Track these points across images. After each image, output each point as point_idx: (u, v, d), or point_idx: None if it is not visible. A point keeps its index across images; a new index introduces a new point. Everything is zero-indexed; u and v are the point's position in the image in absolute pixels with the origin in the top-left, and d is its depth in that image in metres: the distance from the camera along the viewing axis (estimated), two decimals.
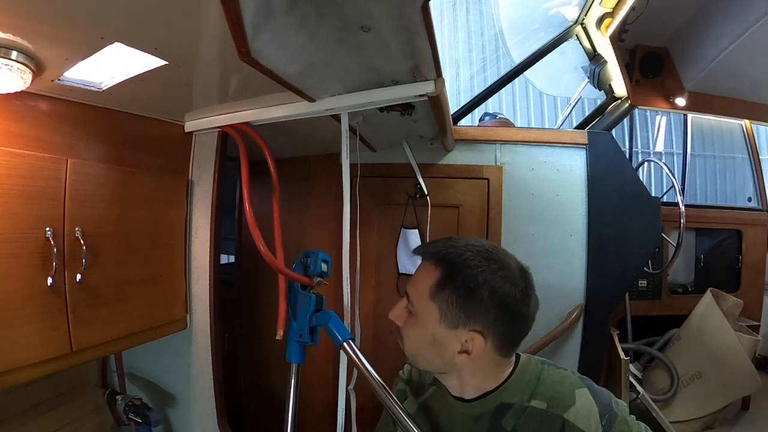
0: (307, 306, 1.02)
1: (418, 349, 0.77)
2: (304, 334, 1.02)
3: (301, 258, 1.08)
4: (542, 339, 1.67)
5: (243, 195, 1.26)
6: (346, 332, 0.96)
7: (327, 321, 0.98)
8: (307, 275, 1.06)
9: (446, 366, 0.76)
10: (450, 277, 0.72)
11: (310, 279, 1.05)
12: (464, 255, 0.73)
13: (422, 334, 0.75)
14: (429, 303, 0.73)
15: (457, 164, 1.84)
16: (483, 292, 0.70)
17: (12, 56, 0.84)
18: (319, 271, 1.05)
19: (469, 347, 0.72)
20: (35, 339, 0.98)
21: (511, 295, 0.72)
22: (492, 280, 0.71)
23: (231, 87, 1.19)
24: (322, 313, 1.02)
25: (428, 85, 1.03)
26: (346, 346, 0.93)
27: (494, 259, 0.73)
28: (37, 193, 0.99)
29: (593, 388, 0.75)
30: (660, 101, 2.23)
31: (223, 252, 1.80)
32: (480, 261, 0.72)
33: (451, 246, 0.75)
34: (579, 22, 2.20)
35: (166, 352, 1.53)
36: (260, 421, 2.18)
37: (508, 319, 0.73)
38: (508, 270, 0.73)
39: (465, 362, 0.74)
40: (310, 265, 1.05)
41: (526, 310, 0.74)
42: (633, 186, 1.79)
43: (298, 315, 1.03)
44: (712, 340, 2.21)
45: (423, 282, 0.75)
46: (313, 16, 0.77)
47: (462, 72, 4.42)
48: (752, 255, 2.73)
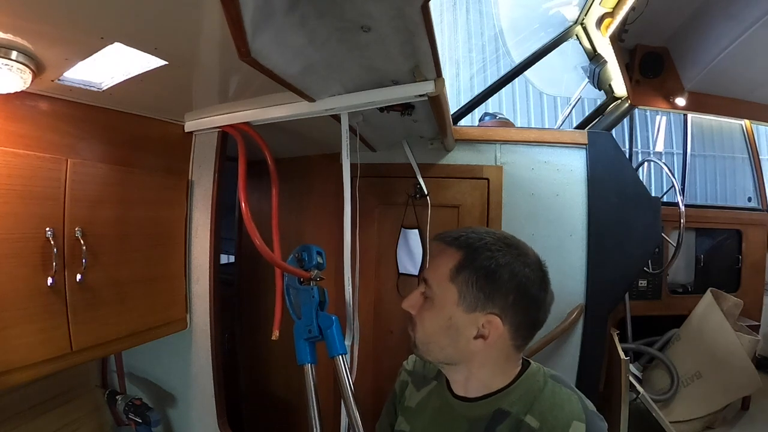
0: (310, 299, 1.01)
1: (432, 335, 0.76)
2: (313, 329, 1.00)
3: (296, 253, 1.08)
4: (542, 339, 1.66)
5: (239, 191, 1.25)
6: (343, 347, 0.97)
7: (329, 326, 0.98)
8: (304, 269, 1.05)
9: (459, 354, 0.75)
10: (471, 259, 0.73)
11: (308, 272, 1.04)
12: (485, 239, 0.74)
13: (438, 318, 0.74)
14: (448, 285, 0.73)
15: (457, 164, 1.84)
16: (504, 273, 0.71)
17: (12, 56, 0.84)
18: (315, 263, 1.04)
19: (485, 332, 0.72)
20: (35, 339, 0.98)
21: (530, 278, 0.72)
22: (512, 262, 0.72)
23: (231, 87, 1.19)
24: (326, 315, 1.01)
25: (428, 85, 1.03)
26: (339, 360, 0.95)
27: (514, 245, 0.75)
28: (37, 193, 0.99)
29: (594, 426, 0.71)
30: (660, 101, 2.23)
31: (223, 252, 1.80)
32: (500, 245, 0.73)
33: (471, 232, 0.76)
34: (579, 22, 2.20)
35: (166, 352, 1.53)
36: (260, 421, 2.18)
37: (527, 304, 0.73)
38: (527, 257, 0.74)
39: (479, 349, 0.73)
40: (305, 259, 1.05)
41: (544, 297, 0.74)
42: (633, 186, 1.79)
43: (303, 311, 1.02)
44: (712, 340, 2.21)
45: (443, 265, 0.75)
46: (313, 16, 0.77)
47: (462, 72, 4.41)
48: (752, 255, 2.73)
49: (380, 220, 1.90)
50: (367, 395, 1.73)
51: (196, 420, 1.53)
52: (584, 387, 1.72)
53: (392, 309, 1.87)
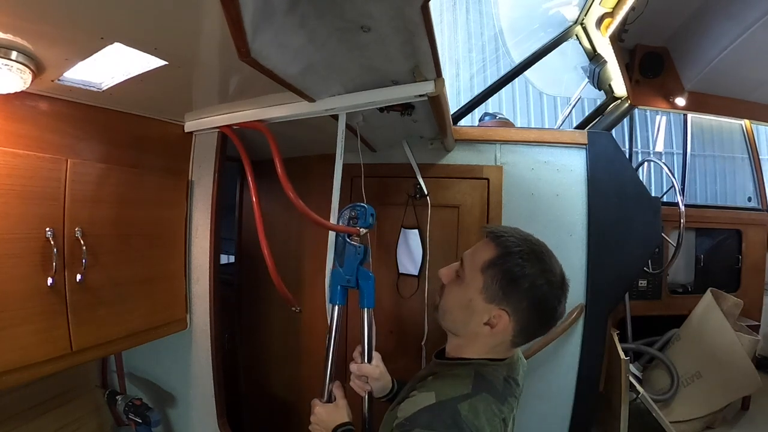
0: (355, 255, 1.13)
1: (452, 308, 0.88)
2: (352, 279, 1.14)
3: (349, 211, 1.16)
4: (542, 339, 1.66)
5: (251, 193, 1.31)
6: (372, 301, 1.12)
7: (367, 281, 1.11)
8: (354, 226, 1.15)
9: (465, 329, 0.86)
10: (502, 260, 0.82)
11: (357, 230, 1.13)
12: (520, 246, 0.82)
13: (462, 297, 0.85)
14: (477, 274, 0.83)
15: (457, 164, 1.84)
16: (525, 282, 0.80)
17: (12, 56, 0.84)
18: (369, 224, 1.14)
19: (494, 322, 0.82)
20: (35, 339, 0.98)
21: (546, 295, 0.81)
22: (536, 275, 0.80)
23: (231, 87, 1.19)
24: (365, 272, 1.13)
25: (428, 85, 1.03)
26: (367, 312, 1.10)
27: (544, 260, 0.83)
28: (37, 193, 0.99)
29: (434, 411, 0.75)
30: (660, 101, 2.23)
31: (223, 252, 1.80)
32: (531, 256, 0.82)
33: (513, 235, 0.85)
34: (579, 22, 2.20)
35: (166, 352, 1.53)
36: (260, 421, 2.18)
37: (536, 314, 0.82)
38: (551, 274, 0.82)
39: (484, 333, 0.84)
40: (360, 218, 1.15)
41: (553, 313, 0.84)
42: (633, 186, 1.79)
43: (346, 263, 1.14)
44: (712, 340, 2.21)
45: (480, 255, 0.85)
46: (313, 16, 0.77)
47: (462, 72, 4.41)
48: (752, 255, 2.73)
49: (380, 220, 1.89)
50: None
51: (196, 420, 1.53)
52: (584, 387, 1.74)
53: (392, 309, 1.87)
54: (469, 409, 0.75)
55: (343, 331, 1.27)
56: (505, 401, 0.82)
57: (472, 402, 0.76)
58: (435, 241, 1.81)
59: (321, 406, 1.02)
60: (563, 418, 1.76)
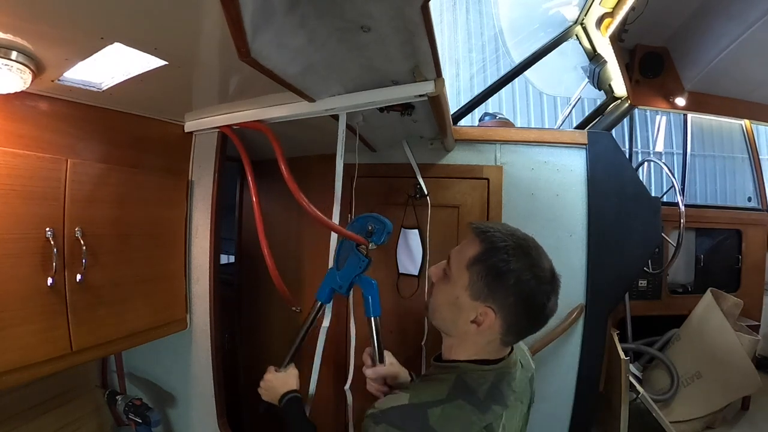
0: (356, 266, 1.10)
1: (440, 306, 0.87)
2: (344, 286, 1.12)
3: (367, 223, 1.11)
4: (542, 339, 1.66)
5: (251, 193, 1.30)
6: (377, 309, 1.13)
7: (370, 290, 1.09)
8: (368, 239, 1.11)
9: (455, 328, 0.85)
10: (487, 256, 0.80)
11: (366, 242, 1.10)
12: (506, 241, 0.81)
13: (448, 295, 0.84)
14: (463, 271, 0.82)
15: (457, 164, 1.84)
16: (510, 278, 0.78)
17: (12, 56, 0.84)
18: (382, 242, 1.10)
19: (480, 320, 0.80)
20: (35, 339, 0.98)
21: (534, 291, 0.79)
22: (522, 270, 0.78)
23: (231, 87, 1.19)
24: (367, 280, 1.11)
25: (428, 85, 1.03)
26: (373, 321, 1.11)
27: (531, 255, 0.81)
28: (37, 193, 0.99)
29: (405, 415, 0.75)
30: (660, 101, 2.23)
31: (223, 252, 1.80)
32: (517, 251, 0.80)
33: (499, 230, 0.83)
34: (579, 22, 2.20)
35: (166, 352, 1.53)
36: (260, 421, 2.17)
37: (524, 310, 0.80)
38: (539, 269, 0.80)
39: (472, 331, 0.82)
40: (376, 233, 1.10)
41: (541, 309, 0.81)
42: (633, 186, 1.79)
43: (345, 269, 1.12)
44: (712, 340, 2.21)
45: (465, 252, 0.84)
46: (313, 16, 0.77)
47: (462, 72, 4.41)
48: (752, 255, 2.73)
49: None
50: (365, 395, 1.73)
51: (196, 420, 1.53)
52: (584, 387, 1.74)
53: (392, 309, 1.87)
54: (440, 414, 0.74)
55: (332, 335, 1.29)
56: (488, 409, 0.77)
57: (445, 408, 0.75)
58: (435, 241, 1.81)
59: (272, 374, 1.16)
60: (563, 418, 1.76)
